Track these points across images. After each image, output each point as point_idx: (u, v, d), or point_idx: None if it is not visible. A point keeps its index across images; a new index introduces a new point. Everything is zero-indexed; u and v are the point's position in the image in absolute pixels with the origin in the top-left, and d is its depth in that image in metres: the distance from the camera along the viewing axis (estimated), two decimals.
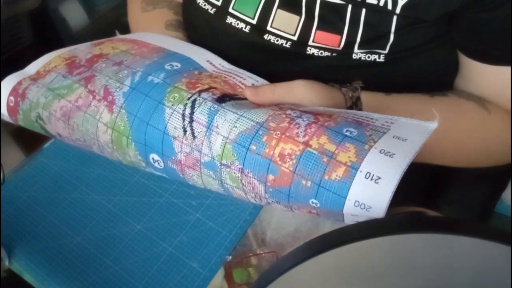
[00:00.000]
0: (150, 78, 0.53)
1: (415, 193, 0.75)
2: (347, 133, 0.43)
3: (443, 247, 0.30)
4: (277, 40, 0.59)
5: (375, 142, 0.42)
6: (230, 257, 0.57)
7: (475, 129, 0.58)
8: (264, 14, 0.59)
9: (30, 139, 0.68)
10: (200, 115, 0.48)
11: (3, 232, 0.59)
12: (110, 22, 1.20)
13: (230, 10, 0.61)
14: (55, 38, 1.13)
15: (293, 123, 0.45)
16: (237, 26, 0.61)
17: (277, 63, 0.62)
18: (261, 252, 0.57)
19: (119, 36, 0.65)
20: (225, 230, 0.59)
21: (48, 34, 1.12)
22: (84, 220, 0.61)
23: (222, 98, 0.49)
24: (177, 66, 0.55)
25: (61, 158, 0.67)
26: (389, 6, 0.53)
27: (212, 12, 0.62)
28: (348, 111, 0.48)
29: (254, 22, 0.60)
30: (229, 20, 0.61)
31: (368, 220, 0.40)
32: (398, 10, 0.53)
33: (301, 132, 0.44)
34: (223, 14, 0.61)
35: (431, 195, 0.78)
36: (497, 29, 0.53)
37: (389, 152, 0.41)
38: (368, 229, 0.31)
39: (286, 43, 0.59)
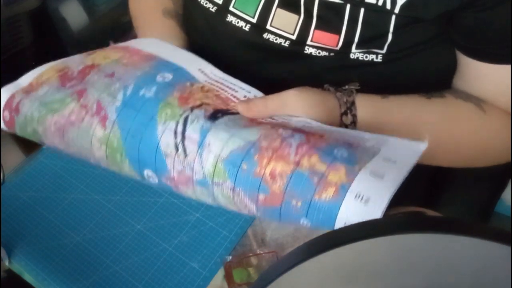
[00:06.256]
0: (142, 92, 0.53)
1: (415, 193, 0.75)
2: (338, 154, 0.44)
3: (443, 247, 0.30)
4: (276, 39, 0.59)
5: (365, 164, 0.42)
6: (230, 257, 0.57)
7: (471, 130, 0.58)
8: (264, 13, 0.59)
9: (30, 139, 0.68)
10: (192, 133, 0.48)
11: (3, 232, 0.59)
12: (110, 22, 1.20)
13: (231, 8, 0.61)
14: (55, 38, 1.13)
15: (285, 143, 0.46)
16: (237, 25, 0.61)
17: (275, 63, 0.62)
18: (261, 252, 0.57)
19: (111, 45, 0.65)
20: (225, 230, 0.59)
21: (48, 34, 1.12)
22: (84, 220, 0.61)
23: (215, 115, 0.50)
24: (168, 78, 0.55)
25: (61, 158, 0.67)
26: (388, 6, 0.53)
27: (213, 10, 0.63)
28: (340, 130, 0.49)
29: (254, 21, 0.60)
30: (230, 18, 0.61)
31: (368, 220, 0.40)
32: (397, 10, 0.53)
33: (292, 151, 0.45)
34: (223, 13, 0.62)
35: (431, 195, 0.78)
36: (496, 28, 0.53)
37: (379, 173, 0.41)
38: (368, 229, 0.31)
39: (284, 42, 0.59)
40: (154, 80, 0.54)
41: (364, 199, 0.40)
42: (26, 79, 0.61)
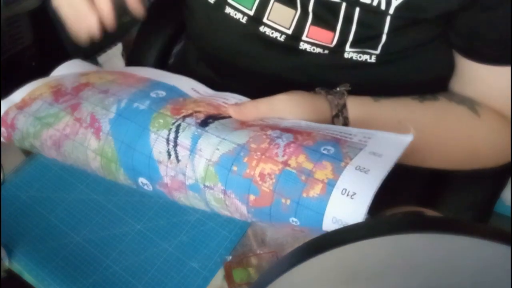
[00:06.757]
0: (135, 105, 0.54)
1: (415, 193, 0.75)
2: (325, 152, 0.45)
3: (443, 247, 0.30)
4: (272, 33, 0.60)
5: (351, 159, 0.43)
6: (230, 257, 0.57)
7: (463, 134, 0.58)
8: (262, 6, 0.60)
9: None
10: (184, 139, 0.49)
11: (3, 232, 0.59)
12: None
13: (229, 0, 0.61)
14: (55, 38, 1.13)
15: (273, 144, 0.47)
16: (235, 17, 0.61)
17: (271, 57, 0.62)
18: (261, 252, 0.57)
19: (106, 70, 0.66)
20: (225, 230, 0.59)
21: (48, 34, 1.12)
22: (84, 220, 0.61)
23: (206, 121, 0.51)
24: (162, 94, 0.56)
25: None
26: (382, 7, 0.53)
27: (211, 1, 0.63)
28: (328, 126, 0.50)
29: (251, 13, 0.60)
30: (228, 10, 0.62)
31: (368, 220, 0.40)
32: (391, 11, 0.53)
33: (280, 152, 0.46)
34: (222, 4, 0.62)
35: (431, 195, 0.78)
36: (496, 29, 0.53)
37: (364, 168, 0.42)
38: (368, 229, 0.31)
39: (280, 37, 0.59)
40: (148, 96, 0.55)
41: (350, 194, 0.41)
42: (18, 95, 0.62)
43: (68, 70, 0.68)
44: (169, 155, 0.49)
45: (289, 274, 0.31)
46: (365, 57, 0.57)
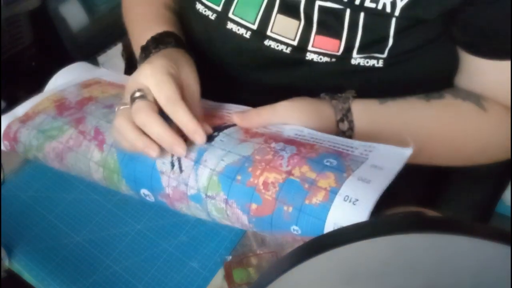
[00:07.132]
0: None
1: (415, 193, 0.75)
2: (327, 164, 0.46)
3: (443, 247, 0.30)
4: (277, 46, 0.59)
5: (353, 171, 0.44)
6: (230, 257, 0.57)
7: (470, 129, 0.59)
8: (264, 19, 0.59)
9: None
10: (190, 152, 0.50)
11: (3, 232, 0.59)
12: (110, 22, 1.20)
13: (230, 15, 0.60)
14: (55, 38, 1.13)
15: (277, 155, 0.48)
16: (237, 32, 0.60)
17: (276, 70, 0.62)
18: (261, 252, 0.57)
19: (107, 80, 0.66)
20: (225, 230, 0.59)
21: (48, 34, 1.12)
22: (84, 220, 0.61)
23: (211, 135, 0.51)
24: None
25: None
26: (388, 9, 0.53)
27: (212, 18, 0.62)
28: (330, 137, 0.50)
29: (254, 27, 0.59)
30: (230, 25, 0.61)
31: (368, 220, 0.40)
32: (397, 12, 0.53)
33: (284, 162, 0.47)
34: (223, 20, 0.61)
35: (431, 195, 0.78)
36: (497, 23, 0.53)
37: (366, 179, 0.43)
38: (368, 229, 0.31)
39: (286, 49, 0.59)
40: None
41: (352, 200, 0.42)
42: (21, 109, 0.63)
43: (71, 73, 0.68)
44: (173, 165, 0.50)
45: (289, 274, 0.31)
46: (372, 62, 0.56)
